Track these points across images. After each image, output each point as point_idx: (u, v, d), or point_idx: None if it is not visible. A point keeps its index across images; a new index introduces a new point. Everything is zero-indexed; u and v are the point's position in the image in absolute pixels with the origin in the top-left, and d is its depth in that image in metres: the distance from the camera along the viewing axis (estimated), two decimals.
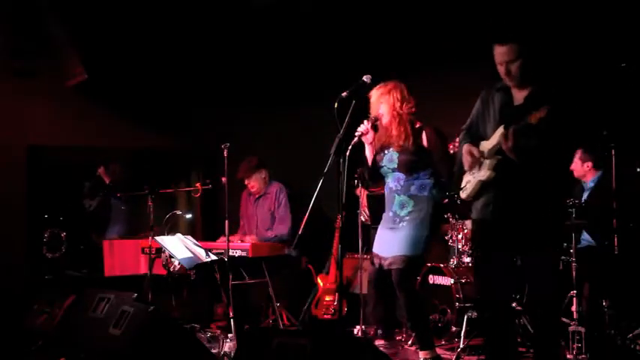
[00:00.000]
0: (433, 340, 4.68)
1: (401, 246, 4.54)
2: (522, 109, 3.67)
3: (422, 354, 4.57)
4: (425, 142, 4.59)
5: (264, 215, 6.53)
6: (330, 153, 3.88)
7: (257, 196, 6.59)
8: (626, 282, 4.86)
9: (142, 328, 3.93)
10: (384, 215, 4.76)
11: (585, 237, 5.43)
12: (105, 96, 7.30)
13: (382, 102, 4.64)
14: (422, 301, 4.78)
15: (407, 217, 4.57)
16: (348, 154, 3.98)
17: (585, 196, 5.49)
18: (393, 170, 4.66)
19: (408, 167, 4.60)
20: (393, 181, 4.68)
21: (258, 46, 7.22)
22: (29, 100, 7.10)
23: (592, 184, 5.48)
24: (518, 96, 3.77)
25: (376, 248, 4.74)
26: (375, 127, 4.69)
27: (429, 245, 4.61)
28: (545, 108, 3.50)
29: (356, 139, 4.48)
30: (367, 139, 4.68)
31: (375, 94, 4.64)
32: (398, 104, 4.61)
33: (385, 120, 4.65)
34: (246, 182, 6.55)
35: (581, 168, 5.53)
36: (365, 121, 4.58)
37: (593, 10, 5.35)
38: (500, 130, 3.68)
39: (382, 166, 4.72)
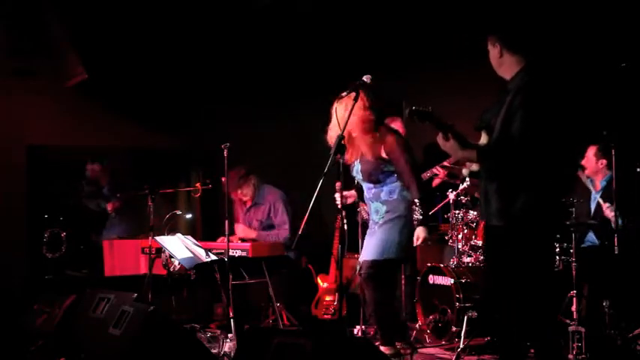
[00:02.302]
0: (395, 337, 4.70)
1: (369, 251, 4.63)
2: (496, 103, 3.72)
3: (383, 349, 4.58)
4: (383, 154, 4.61)
5: (255, 224, 6.48)
6: (330, 153, 3.88)
7: (248, 205, 6.55)
8: (626, 282, 4.86)
9: (142, 328, 3.93)
10: None
11: (590, 238, 5.42)
12: (105, 96, 7.29)
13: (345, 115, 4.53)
14: (389, 297, 4.77)
15: (381, 222, 4.65)
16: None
17: (596, 196, 5.47)
18: (362, 180, 4.76)
19: (370, 177, 4.68)
20: (366, 190, 4.79)
21: (258, 46, 7.23)
22: (29, 99, 7.09)
23: (604, 183, 5.45)
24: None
25: (361, 257, 4.79)
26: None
27: (402, 249, 4.60)
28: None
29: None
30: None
31: (338, 108, 4.44)
32: (360, 115, 4.53)
33: (354, 133, 4.62)
34: (238, 194, 6.48)
35: (595, 165, 5.46)
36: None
37: (593, 9, 5.35)
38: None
39: (355, 176, 4.83)
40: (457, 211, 5.61)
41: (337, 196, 4.79)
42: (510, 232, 3.64)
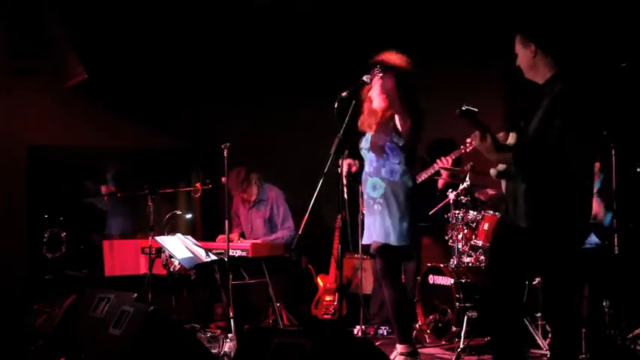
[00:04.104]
0: (412, 335, 4.75)
1: (379, 232, 4.57)
2: (530, 106, 3.72)
3: (400, 347, 4.60)
4: (398, 126, 4.57)
5: (259, 223, 6.48)
6: (330, 153, 3.89)
7: (251, 202, 6.55)
8: (626, 282, 4.86)
9: (142, 328, 3.93)
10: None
11: (591, 239, 5.40)
12: (105, 96, 7.29)
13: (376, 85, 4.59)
14: (405, 293, 4.82)
15: (380, 200, 4.57)
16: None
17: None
18: (368, 150, 4.69)
19: (378, 148, 4.61)
20: (368, 165, 4.71)
21: (258, 46, 7.23)
22: (29, 99, 7.09)
23: (599, 185, 5.43)
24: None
25: (369, 234, 4.71)
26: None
27: (410, 235, 4.57)
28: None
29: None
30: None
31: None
32: (393, 91, 4.58)
33: (375, 103, 4.63)
34: (243, 196, 6.48)
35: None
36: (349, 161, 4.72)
37: (593, 10, 5.34)
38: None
39: (361, 148, 4.75)
40: (457, 211, 5.61)
41: (343, 163, 4.72)
42: (536, 235, 3.64)
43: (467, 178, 5.53)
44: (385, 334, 5.89)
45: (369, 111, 4.68)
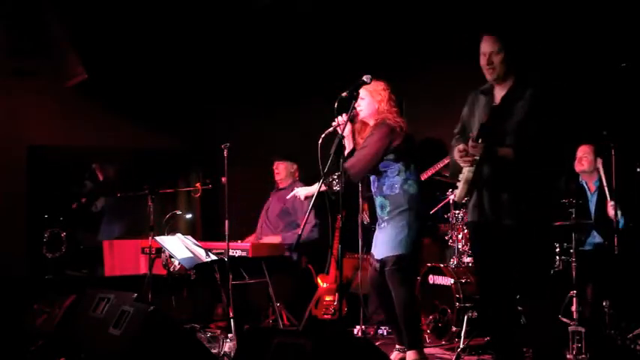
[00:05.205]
0: (422, 341, 4.70)
1: (387, 247, 4.57)
2: (498, 109, 3.76)
3: (410, 353, 4.57)
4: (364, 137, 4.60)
5: (275, 209, 6.55)
6: (330, 153, 3.89)
7: (279, 187, 6.62)
8: (626, 282, 4.85)
9: (142, 328, 3.92)
10: None
11: (591, 240, 5.39)
12: (105, 96, 7.30)
13: (365, 99, 4.59)
14: (415, 299, 4.81)
15: (387, 217, 4.61)
16: (320, 142, 4.17)
17: (592, 197, 5.45)
18: None
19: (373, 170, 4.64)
20: (371, 184, 4.75)
21: (258, 46, 7.24)
22: (29, 99, 7.10)
23: (598, 183, 5.42)
24: (498, 97, 3.85)
25: (372, 249, 4.78)
26: (352, 120, 4.63)
27: (415, 242, 4.57)
28: None
29: (331, 128, 4.41)
30: (343, 131, 4.45)
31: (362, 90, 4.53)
32: (381, 105, 4.59)
33: (363, 115, 4.63)
34: (275, 166, 6.59)
35: (594, 164, 5.37)
36: (343, 114, 4.38)
37: (593, 9, 5.35)
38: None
39: None
40: (457, 211, 5.61)
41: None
42: (522, 231, 3.68)
43: None
44: (385, 334, 5.89)
45: (362, 128, 4.69)
